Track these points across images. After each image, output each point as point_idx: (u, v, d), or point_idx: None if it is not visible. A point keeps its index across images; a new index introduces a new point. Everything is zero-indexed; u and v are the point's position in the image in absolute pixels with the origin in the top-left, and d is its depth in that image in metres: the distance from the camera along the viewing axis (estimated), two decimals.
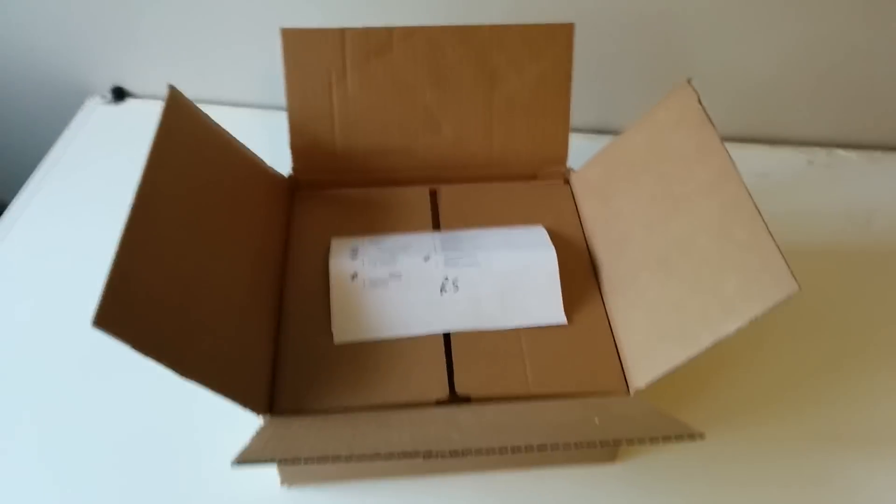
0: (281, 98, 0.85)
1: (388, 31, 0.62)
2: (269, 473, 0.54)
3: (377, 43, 0.62)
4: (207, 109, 0.57)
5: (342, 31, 0.61)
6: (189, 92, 0.56)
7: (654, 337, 0.52)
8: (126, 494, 0.54)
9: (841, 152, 0.85)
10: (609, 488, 0.55)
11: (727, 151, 0.53)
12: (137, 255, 0.44)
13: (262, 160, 0.63)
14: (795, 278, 0.44)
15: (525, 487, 0.55)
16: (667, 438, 0.40)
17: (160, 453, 0.56)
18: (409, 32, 0.62)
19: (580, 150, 0.67)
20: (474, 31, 0.63)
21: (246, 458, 0.38)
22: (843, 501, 0.55)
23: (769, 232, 0.47)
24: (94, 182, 0.78)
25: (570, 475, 0.56)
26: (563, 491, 0.55)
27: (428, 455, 0.38)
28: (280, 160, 0.64)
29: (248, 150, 0.61)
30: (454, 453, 0.38)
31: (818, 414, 0.60)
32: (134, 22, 0.81)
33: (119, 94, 0.87)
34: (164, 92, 0.86)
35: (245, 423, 0.54)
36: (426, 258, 0.57)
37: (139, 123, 0.83)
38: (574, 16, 0.64)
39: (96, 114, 0.86)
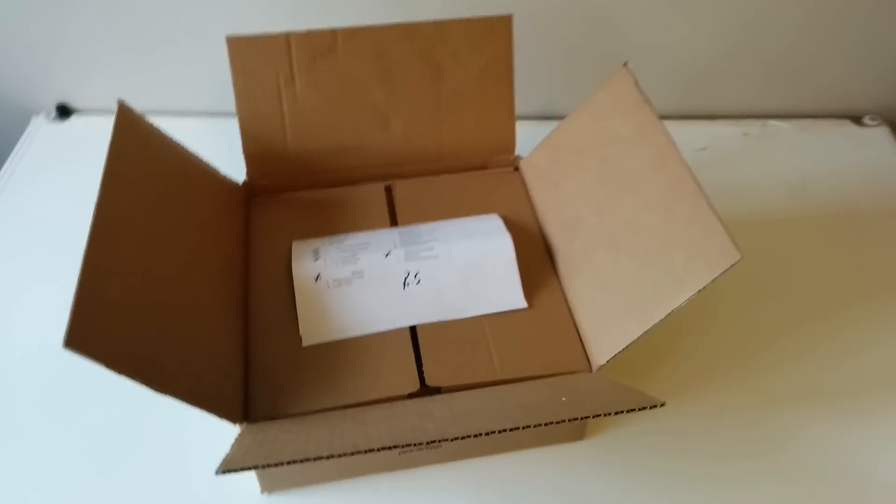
0: (230, 104, 0.86)
1: (332, 33, 0.62)
2: (249, 482, 0.55)
3: (322, 45, 0.63)
4: (156, 120, 0.57)
5: (287, 36, 0.62)
6: (136, 104, 0.56)
7: (610, 314, 0.54)
8: (107, 501, 0.55)
9: (774, 122, 0.88)
10: (580, 465, 0.57)
11: (666, 130, 0.55)
12: (102, 273, 0.44)
13: (215, 169, 0.63)
14: (738, 247, 0.47)
15: (499, 472, 0.57)
16: (631, 410, 0.42)
17: (141, 464, 0.57)
18: (353, 33, 0.63)
19: (527, 138, 0.69)
20: (417, 27, 0.64)
21: (229, 466, 0.39)
22: (801, 461, 0.58)
23: (711, 205, 0.50)
24: (44, 201, 0.77)
25: (541, 456, 0.58)
26: (535, 471, 0.57)
27: (406, 447, 0.39)
28: (234, 167, 0.65)
29: (201, 159, 0.62)
30: (431, 443, 0.40)
31: (771, 377, 0.63)
32: (75, 38, 0.81)
33: (64, 112, 0.86)
34: (110, 106, 0.86)
35: (224, 431, 0.55)
36: (387, 254, 0.58)
37: (86, 139, 0.84)
38: (510, 6, 0.65)
39: (42, 132, 0.85)
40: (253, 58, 0.62)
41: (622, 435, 0.59)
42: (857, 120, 0.88)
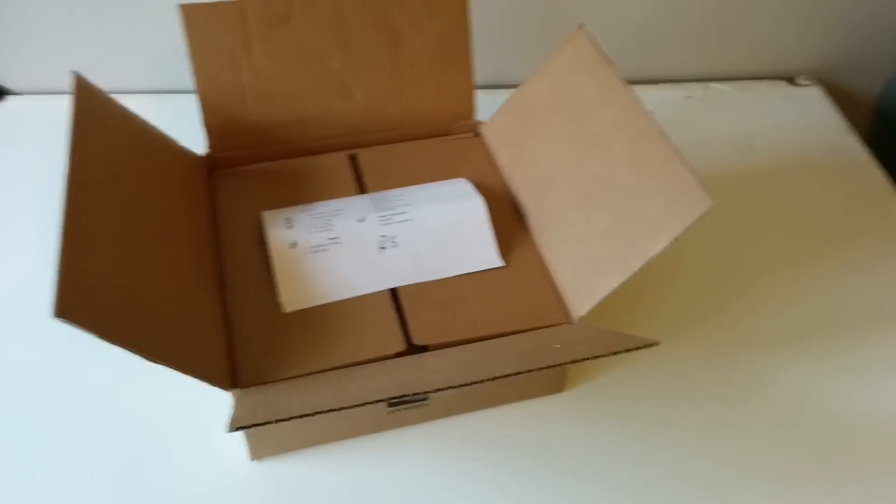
0: (169, 81, 0.84)
1: (289, 0, 0.62)
2: (236, 450, 0.54)
3: (279, 12, 0.62)
4: None
5: (242, 3, 0.60)
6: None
7: (588, 266, 0.55)
8: (90, 475, 0.54)
9: (715, 85, 0.92)
10: (561, 415, 0.59)
11: (630, 88, 0.57)
12: (81, 245, 0.43)
13: (176, 141, 0.61)
14: (709, 194, 0.49)
15: (484, 427, 0.58)
16: (628, 350, 0.43)
17: (127, 435, 0.56)
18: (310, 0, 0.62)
19: (482, 105, 0.70)
20: None
21: (239, 423, 0.39)
22: (776, 404, 0.61)
23: (680, 155, 0.52)
24: None
25: (523, 409, 0.59)
26: (520, 424, 0.58)
27: (416, 394, 0.39)
28: (185, 143, 0.63)
29: (161, 132, 0.60)
30: (439, 390, 0.40)
31: (735, 323, 0.66)
32: (6, 17, 0.77)
33: None
34: (45, 87, 0.83)
35: (203, 405, 0.54)
36: (361, 220, 0.58)
37: (23, 121, 0.80)
38: None
39: None
40: (209, 26, 0.61)
41: (599, 385, 0.61)
42: (791, 80, 0.92)
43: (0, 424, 0.57)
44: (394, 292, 0.56)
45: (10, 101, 0.84)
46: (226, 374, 0.50)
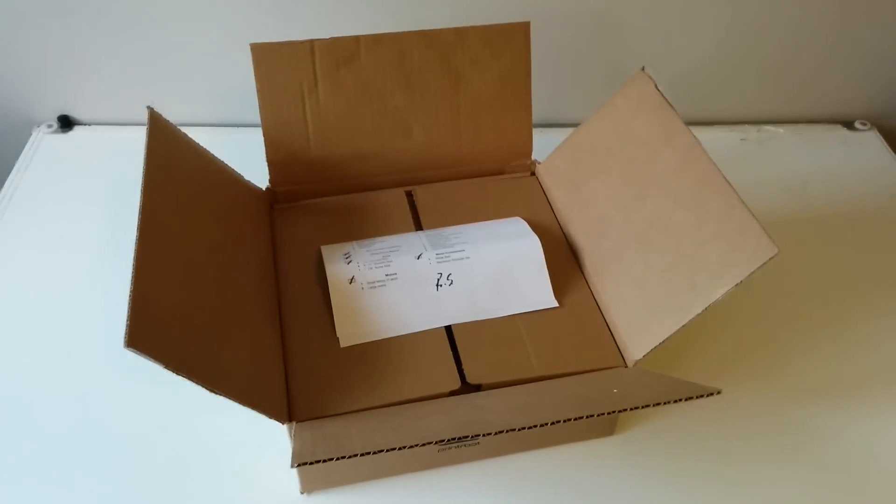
0: (229, 115, 0.86)
1: (356, 40, 0.63)
2: (287, 483, 0.55)
3: (345, 52, 0.63)
4: None
5: (311, 42, 0.62)
6: (139, 115, 0.55)
7: (645, 309, 0.55)
8: (144, 502, 0.55)
9: (769, 128, 0.91)
10: (611, 459, 0.58)
11: (691, 131, 0.57)
12: (152, 275, 0.44)
13: (241, 175, 0.63)
14: (774, 241, 0.48)
15: (533, 468, 0.58)
16: (689, 398, 0.43)
17: (180, 464, 0.57)
18: (377, 40, 0.63)
19: (537, 144, 0.70)
20: (437, 34, 0.65)
21: (301, 459, 0.39)
22: (838, 456, 0.59)
23: (742, 201, 0.52)
24: (53, 213, 0.76)
25: (574, 451, 0.59)
26: (569, 467, 0.58)
27: (476, 436, 0.39)
28: (247, 176, 0.65)
29: (227, 165, 0.62)
30: (499, 433, 0.40)
31: (788, 369, 0.65)
32: (76, 49, 0.80)
33: (66, 123, 0.85)
34: (112, 117, 0.86)
35: (256, 437, 0.55)
36: (418, 256, 0.58)
37: (89, 150, 0.83)
38: (519, 13, 0.66)
39: (45, 144, 0.84)
40: (276, 64, 0.62)
41: (650, 429, 0.60)
42: (848, 125, 0.92)
43: (65, 448, 0.58)
44: (449, 330, 0.57)
45: (77, 130, 0.86)
46: (284, 407, 0.50)
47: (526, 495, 0.56)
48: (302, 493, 0.55)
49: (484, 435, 0.40)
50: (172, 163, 0.54)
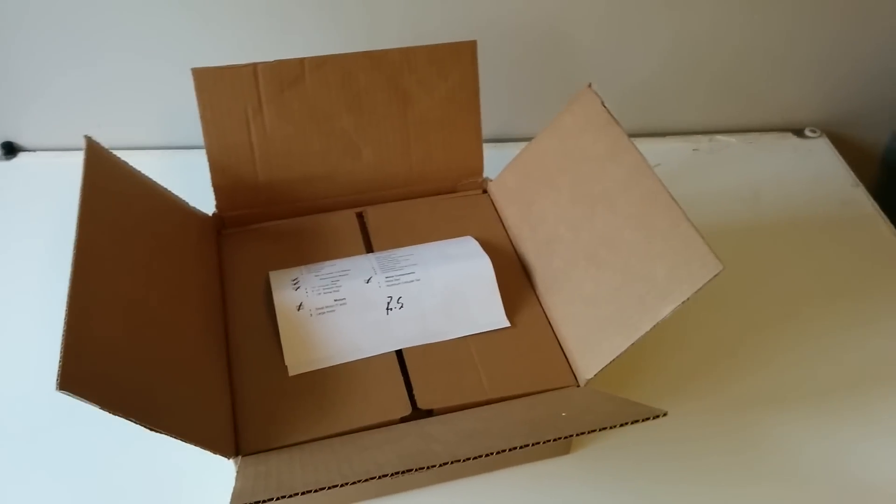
0: (179, 137, 0.85)
1: (300, 62, 0.62)
2: None
3: (290, 74, 0.62)
4: None
5: (254, 66, 0.61)
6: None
7: (595, 328, 0.55)
8: None
9: (721, 137, 0.92)
10: (568, 479, 0.58)
11: (636, 148, 0.57)
12: (88, 312, 0.43)
13: (184, 201, 0.62)
14: (719, 258, 0.48)
15: (488, 489, 0.57)
16: (635, 421, 0.42)
17: (122, 500, 0.56)
18: (321, 62, 0.63)
19: (488, 159, 0.70)
20: (383, 55, 0.64)
21: (241, 500, 0.38)
22: (784, 462, 0.60)
23: (687, 218, 0.52)
24: None
25: (528, 472, 0.58)
26: (526, 487, 0.57)
27: (420, 470, 0.39)
28: (193, 199, 0.63)
29: (169, 192, 0.60)
30: (444, 465, 0.39)
31: (742, 381, 0.65)
32: (19, 75, 0.78)
33: (9, 149, 0.84)
34: (57, 143, 0.84)
35: (209, 468, 0.54)
36: (367, 280, 0.58)
37: (34, 177, 0.81)
38: (466, 33, 0.66)
39: None
40: (219, 89, 0.61)
41: (605, 447, 0.60)
42: (798, 132, 0.93)
43: (7, 481, 0.56)
44: (400, 354, 0.56)
45: (21, 157, 0.85)
46: (230, 440, 0.49)
47: None
48: None
49: (429, 467, 0.40)
50: (111, 192, 0.53)
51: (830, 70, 0.89)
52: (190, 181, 0.63)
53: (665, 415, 0.43)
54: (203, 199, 0.64)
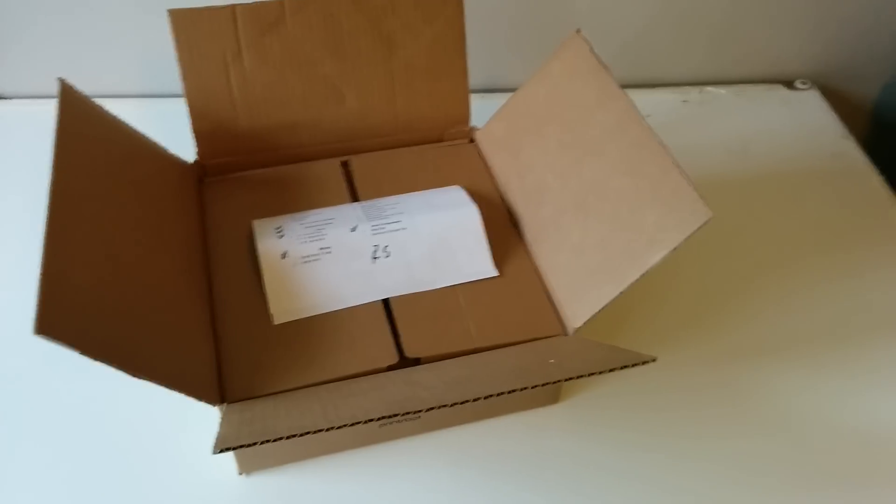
0: (160, 85, 0.83)
1: (280, 4, 0.60)
2: (224, 464, 0.53)
3: (270, 17, 0.60)
4: None
5: (233, 8, 0.59)
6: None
7: (583, 277, 0.54)
8: (75, 491, 0.53)
9: (711, 89, 0.91)
10: (556, 427, 0.58)
11: (626, 95, 0.56)
12: (65, 257, 0.42)
13: (164, 148, 0.60)
14: (708, 205, 0.48)
15: (477, 440, 0.57)
16: (625, 366, 0.42)
17: (112, 450, 0.55)
18: (302, 4, 0.61)
19: (476, 110, 0.69)
20: None
21: (224, 444, 0.38)
22: (770, 412, 0.60)
23: (678, 165, 0.51)
24: None
25: (517, 421, 0.58)
26: (513, 437, 0.57)
27: (398, 416, 0.38)
28: (173, 149, 0.62)
29: (148, 138, 0.59)
30: (430, 409, 0.39)
31: (732, 331, 0.65)
32: None
33: None
34: (36, 91, 0.82)
35: (192, 418, 0.53)
36: (353, 229, 0.57)
37: (11, 125, 0.79)
38: None
39: None
40: (198, 32, 0.59)
41: (594, 395, 0.60)
42: (789, 84, 0.92)
43: None
44: (386, 303, 0.55)
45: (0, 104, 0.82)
46: (214, 388, 0.49)
47: (470, 467, 0.55)
48: (240, 474, 0.53)
49: (416, 412, 0.39)
50: (87, 137, 0.51)
51: (823, 22, 0.88)
52: (171, 130, 0.61)
53: (654, 360, 0.43)
54: (183, 149, 0.62)
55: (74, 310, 0.40)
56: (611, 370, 0.42)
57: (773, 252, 0.72)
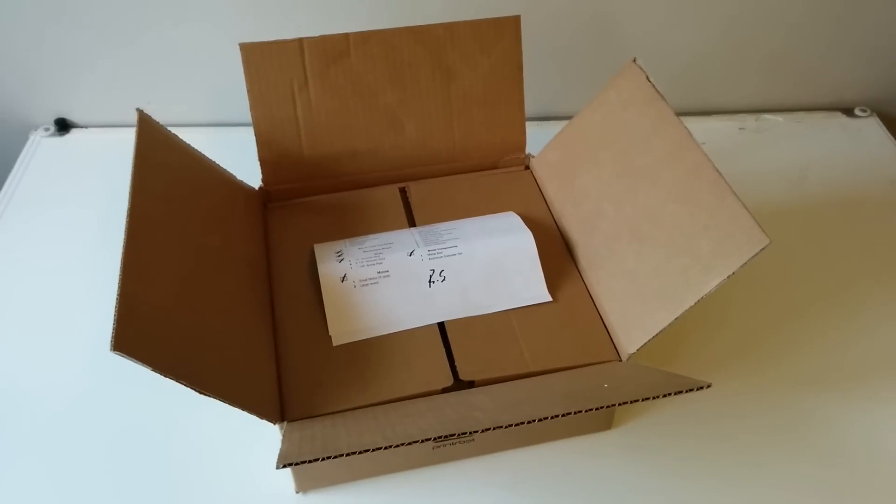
0: (227, 114, 0.86)
1: (345, 37, 0.63)
2: (282, 482, 0.55)
3: (335, 49, 0.63)
4: None
5: (300, 41, 0.62)
6: (135, 117, 0.56)
7: (638, 303, 0.55)
8: None
9: (768, 116, 0.91)
10: (609, 454, 0.58)
11: (682, 123, 0.56)
12: (140, 278, 0.44)
13: (232, 175, 0.63)
14: (765, 232, 0.48)
15: (530, 464, 0.57)
16: (678, 392, 0.42)
17: (174, 466, 0.57)
18: (366, 37, 0.63)
19: (531, 137, 0.70)
20: (427, 30, 0.64)
21: (287, 460, 0.39)
22: (835, 442, 0.59)
23: (733, 192, 0.51)
24: (51, 216, 0.76)
25: (571, 446, 0.59)
26: (566, 462, 0.57)
27: (452, 437, 0.39)
28: (239, 175, 0.64)
29: (218, 165, 0.62)
30: (486, 430, 0.40)
31: (787, 360, 0.65)
32: (73, 52, 0.80)
33: (63, 126, 0.86)
34: (109, 120, 0.86)
35: (251, 436, 0.55)
36: (410, 253, 0.58)
37: (86, 153, 0.84)
38: (512, 8, 0.66)
39: (42, 147, 0.84)
40: (266, 63, 0.62)
41: (647, 423, 0.60)
42: (848, 112, 0.91)
43: (53, 453, 0.58)
44: (442, 326, 0.56)
45: (74, 133, 0.87)
46: (276, 407, 0.50)
47: (523, 491, 0.56)
48: (297, 492, 0.55)
49: (472, 432, 0.40)
50: (162, 164, 0.54)
51: (881, 49, 0.87)
52: (236, 157, 0.64)
53: (709, 386, 0.43)
54: (248, 176, 0.65)
55: (148, 329, 0.43)
56: (664, 395, 0.42)
57: (830, 280, 0.71)
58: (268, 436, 0.55)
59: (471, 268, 0.58)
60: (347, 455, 0.39)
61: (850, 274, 0.72)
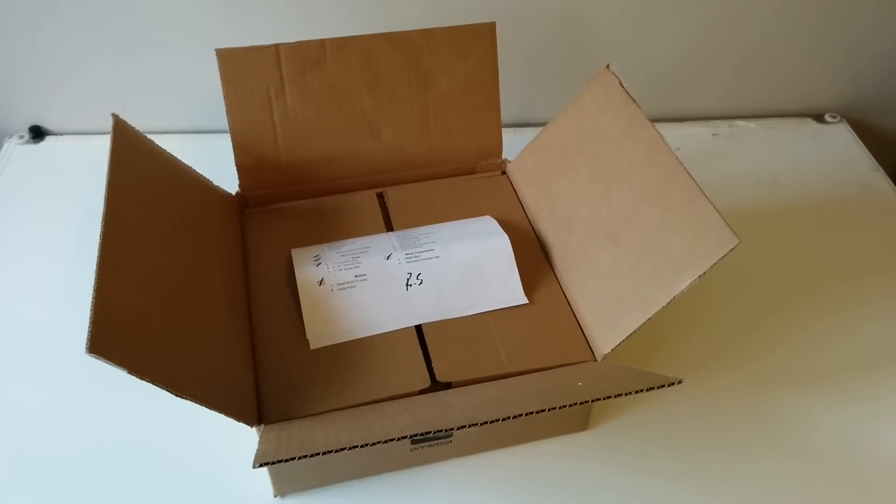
0: (203, 121, 0.86)
1: (321, 43, 0.63)
2: (260, 486, 0.55)
3: (311, 55, 0.63)
4: None
5: (276, 47, 0.62)
6: (109, 125, 0.56)
7: (612, 304, 0.56)
8: None
9: (741, 123, 0.92)
10: (586, 453, 0.59)
11: (654, 127, 0.57)
12: (116, 282, 0.44)
13: (209, 180, 0.63)
14: (735, 232, 0.49)
15: (508, 464, 0.58)
16: (650, 388, 0.43)
17: (151, 470, 0.57)
18: (342, 43, 0.64)
19: (507, 144, 0.71)
20: (404, 36, 0.65)
21: (264, 459, 0.39)
22: (799, 440, 0.60)
23: (704, 194, 0.52)
24: (27, 222, 0.76)
25: (548, 447, 0.59)
26: (544, 461, 0.58)
27: (439, 431, 0.40)
28: (216, 181, 0.64)
29: (194, 171, 0.62)
30: (462, 429, 0.40)
31: (760, 360, 0.65)
32: (47, 59, 0.80)
33: (37, 133, 0.85)
34: (84, 127, 0.86)
35: (229, 440, 0.55)
36: (388, 257, 0.58)
37: (61, 161, 0.83)
38: (485, 16, 0.67)
39: (16, 154, 0.84)
40: (243, 69, 0.63)
41: (623, 423, 0.61)
42: (818, 118, 0.92)
43: (28, 458, 0.57)
44: (419, 329, 0.57)
45: (49, 141, 0.86)
46: (253, 410, 0.50)
47: (501, 492, 0.56)
48: (275, 496, 0.55)
49: (447, 430, 0.40)
50: (137, 168, 0.54)
51: (852, 57, 0.88)
52: (213, 164, 0.64)
53: (680, 382, 0.44)
54: (226, 182, 0.65)
55: (124, 331, 0.43)
56: (637, 392, 0.43)
57: (801, 282, 0.73)
58: (245, 440, 0.55)
59: (448, 271, 0.58)
60: (324, 454, 0.39)
61: (821, 276, 0.73)
